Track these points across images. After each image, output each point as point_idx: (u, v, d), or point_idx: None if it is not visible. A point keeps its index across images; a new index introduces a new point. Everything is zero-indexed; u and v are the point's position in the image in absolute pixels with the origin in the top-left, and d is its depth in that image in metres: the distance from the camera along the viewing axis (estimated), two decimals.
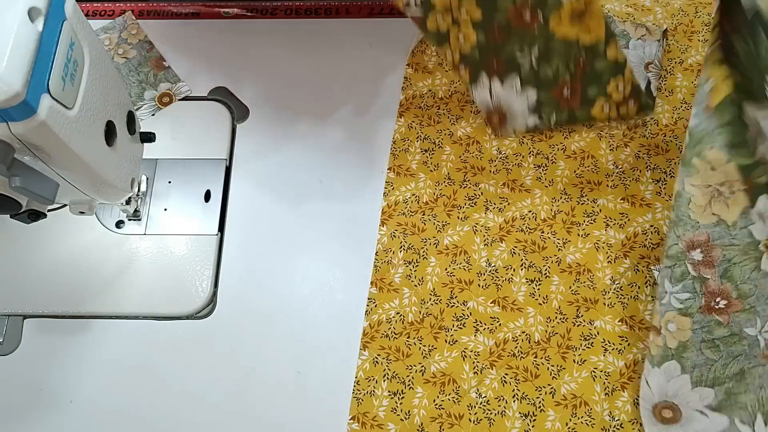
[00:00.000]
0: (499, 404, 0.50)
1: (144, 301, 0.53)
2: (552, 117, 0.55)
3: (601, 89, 0.54)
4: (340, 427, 0.49)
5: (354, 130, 0.60)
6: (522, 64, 0.53)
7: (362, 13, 0.66)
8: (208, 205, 0.57)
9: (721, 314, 0.44)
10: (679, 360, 0.45)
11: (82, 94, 0.38)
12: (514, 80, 0.54)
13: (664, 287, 0.47)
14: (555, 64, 0.53)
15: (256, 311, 0.53)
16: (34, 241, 0.55)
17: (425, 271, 0.54)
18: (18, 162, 0.36)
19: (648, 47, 0.60)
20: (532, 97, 0.55)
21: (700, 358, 0.45)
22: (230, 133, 0.60)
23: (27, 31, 0.33)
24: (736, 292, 0.44)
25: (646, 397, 0.47)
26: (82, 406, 0.50)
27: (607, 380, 0.50)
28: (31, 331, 0.52)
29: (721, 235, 0.44)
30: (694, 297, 0.45)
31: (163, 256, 0.55)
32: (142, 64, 0.62)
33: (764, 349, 0.44)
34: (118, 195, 0.47)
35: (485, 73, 0.55)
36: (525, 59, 0.53)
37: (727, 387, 0.45)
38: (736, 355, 0.44)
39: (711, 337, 0.45)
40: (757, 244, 0.43)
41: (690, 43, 0.62)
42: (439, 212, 0.56)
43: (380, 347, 0.52)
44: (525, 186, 0.57)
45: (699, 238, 0.45)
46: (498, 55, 0.54)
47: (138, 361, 0.51)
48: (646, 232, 0.54)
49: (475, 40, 0.53)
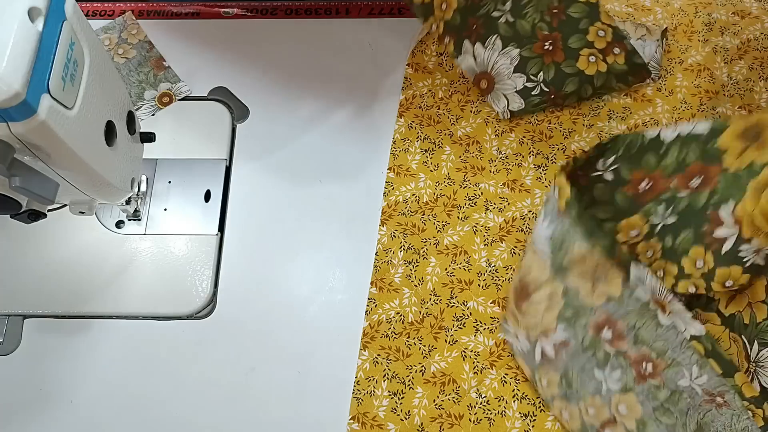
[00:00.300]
0: (499, 404, 0.50)
1: (144, 301, 0.53)
2: (539, 75, 0.56)
3: (582, 37, 0.56)
4: (340, 427, 0.49)
5: (354, 130, 0.60)
6: (499, 22, 0.54)
7: (362, 13, 0.66)
8: (208, 205, 0.57)
9: (654, 377, 0.45)
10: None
11: (82, 94, 0.38)
12: (495, 40, 0.55)
13: (596, 378, 0.46)
14: (530, 17, 0.54)
15: (256, 311, 0.53)
16: (34, 241, 0.55)
17: (425, 271, 0.54)
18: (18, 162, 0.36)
19: (648, 47, 0.60)
20: (514, 54, 0.56)
21: (661, 427, 0.45)
22: (230, 133, 0.60)
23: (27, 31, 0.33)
24: (654, 353, 0.45)
25: None
26: (82, 406, 0.50)
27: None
28: (31, 331, 0.52)
29: (615, 309, 0.45)
30: (625, 371, 0.46)
31: (163, 256, 0.55)
32: (142, 64, 0.62)
33: (703, 395, 0.44)
34: (118, 195, 0.47)
35: (467, 39, 0.56)
36: (501, 16, 0.54)
37: None
38: (686, 411, 0.44)
39: (658, 402, 0.45)
40: (648, 304, 0.44)
41: (690, 43, 0.62)
42: (439, 212, 0.56)
43: (380, 347, 0.52)
44: (525, 186, 0.57)
45: (600, 319, 0.46)
46: (476, 16, 0.55)
47: (138, 361, 0.51)
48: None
49: (455, 3, 0.54)
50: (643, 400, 0.45)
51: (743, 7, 0.64)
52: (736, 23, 0.63)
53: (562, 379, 0.47)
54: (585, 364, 0.47)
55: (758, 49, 0.62)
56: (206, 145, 0.59)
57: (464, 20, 0.55)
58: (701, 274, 0.47)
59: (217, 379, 0.51)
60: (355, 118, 0.61)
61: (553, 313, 0.47)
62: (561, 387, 0.47)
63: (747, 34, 0.63)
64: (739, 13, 0.64)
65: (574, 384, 0.47)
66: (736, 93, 0.60)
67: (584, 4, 0.55)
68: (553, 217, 0.46)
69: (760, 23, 0.63)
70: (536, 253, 0.47)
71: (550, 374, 0.48)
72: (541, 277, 0.47)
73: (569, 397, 0.47)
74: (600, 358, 0.46)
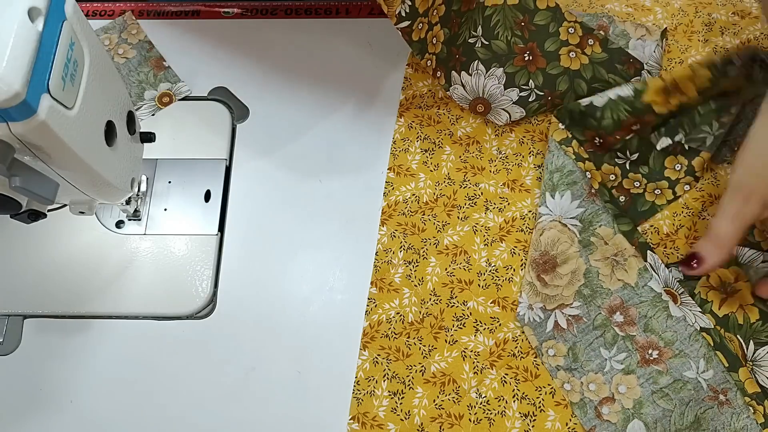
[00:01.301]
0: (499, 404, 0.50)
1: (144, 301, 0.53)
2: (530, 83, 0.58)
3: (556, 39, 0.58)
4: (340, 427, 0.49)
5: (354, 130, 0.60)
6: (476, 47, 0.57)
7: (362, 13, 0.66)
8: (208, 205, 0.57)
9: (658, 363, 0.49)
10: (639, 417, 0.48)
11: (82, 94, 0.38)
12: (477, 65, 0.57)
13: (602, 356, 0.50)
14: (502, 36, 0.56)
15: (256, 311, 0.53)
16: (34, 241, 0.55)
17: (425, 271, 0.54)
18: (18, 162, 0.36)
19: (647, 47, 0.60)
20: (499, 74, 0.57)
21: (657, 410, 0.47)
22: (230, 133, 0.60)
23: (27, 31, 0.33)
24: (662, 342, 0.49)
25: None
26: (82, 406, 0.50)
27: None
28: (31, 331, 0.52)
29: (630, 296, 0.51)
30: (630, 354, 0.49)
31: (163, 256, 0.55)
32: (142, 64, 0.62)
33: (708, 391, 0.47)
34: (118, 195, 0.47)
35: (453, 69, 0.57)
36: (476, 41, 0.56)
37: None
38: (687, 402, 0.47)
39: (658, 387, 0.48)
40: (660, 296, 0.50)
41: (690, 43, 0.62)
42: (439, 212, 0.56)
43: (380, 347, 0.52)
44: (525, 186, 0.57)
45: (614, 303, 0.51)
46: (456, 45, 0.57)
47: (138, 361, 0.51)
48: (653, 231, 0.55)
49: (442, 36, 0.56)
50: (644, 383, 0.48)
51: (743, 7, 0.64)
52: (736, 23, 0.63)
53: (569, 351, 0.50)
54: (593, 342, 0.50)
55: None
56: (206, 145, 0.59)
57: (449, 51, 0.57)
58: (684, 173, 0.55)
59: (217, 379, 0.51)
60: (355, 118, 0.61)
61: (572, 288, 0.52)
62: (567, 359, 0.50)
63: (747, 34, 0.63)
64: (739, 13, 0.64)
65: (581, 358, 0.50)
66: None
67: (546, 11, 0.57)
68: (582, 200, 0.54)
69: (760, 23, 0.63)
70: (565, 228, 0.53)
71: (558, 346, 0.50)
72: (569, 251, 0.53)
73: (573, 370, 0.50)
74: (608, 339, 0.50)
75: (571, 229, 0.53)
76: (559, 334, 0.51)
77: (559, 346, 0.50)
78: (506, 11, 0.56)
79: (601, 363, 0.49)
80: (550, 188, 0.54)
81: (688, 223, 0.54)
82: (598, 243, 0.52)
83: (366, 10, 0.66)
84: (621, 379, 0.49)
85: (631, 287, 0.51)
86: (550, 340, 0.51)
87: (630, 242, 0.52)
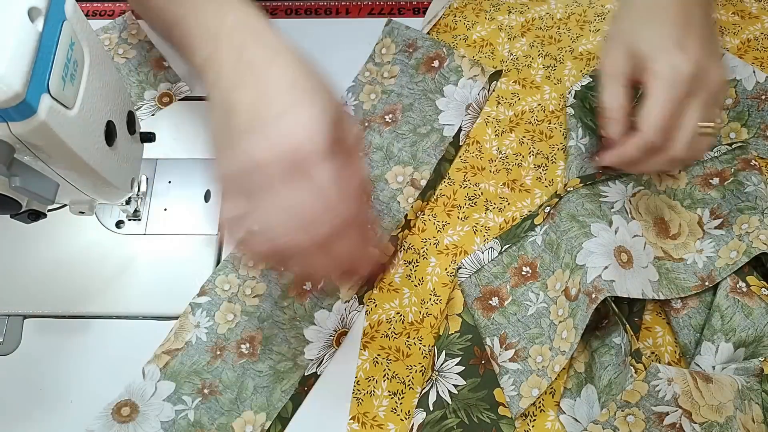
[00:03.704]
0: None
1: (144, 301, 0.53)
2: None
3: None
4: (340, 427, 0.49)
5: None
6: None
7: (362, 13, 0.66)
8: (208, 205, 0.57)
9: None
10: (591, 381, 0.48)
11: (82, 94, 0.38)
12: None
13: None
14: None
15: None
16: (34, 241, 0.55)
17: (425, 271, 0.54)
18: (18, 162, 0.36)
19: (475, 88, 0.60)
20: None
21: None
22: None
23: (27, 31, 0.33)
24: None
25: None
26: (82, 406, 0.50)
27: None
28: (31, 331, 0.52)
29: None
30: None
31: (163, 256, 0.55)
32: (142, 64, 0.62)
33: (624, 355, 0.47)
34: (118, 195, 0.47)
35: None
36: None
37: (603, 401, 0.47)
38: (605, 366, 0.48)
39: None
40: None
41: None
42: (439, 212, 0.56)
43: (380, 347, 0.52)
44: (525, 186, 0.57)
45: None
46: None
47: (138, 362, 0.51)
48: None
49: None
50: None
51: (743, 7, 0.64)
52: (736, 23, 0.63)
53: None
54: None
55: (758, 49, 0.62)
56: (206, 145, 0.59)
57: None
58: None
59: None
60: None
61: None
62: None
63: (747, 34, 0.63)
64: (739, 13, 0.64)
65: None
66: None
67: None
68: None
69: (760, 23, 0.63)
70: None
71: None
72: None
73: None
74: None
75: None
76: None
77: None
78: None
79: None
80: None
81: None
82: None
83: (366, 10, 0.66)
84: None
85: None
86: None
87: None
